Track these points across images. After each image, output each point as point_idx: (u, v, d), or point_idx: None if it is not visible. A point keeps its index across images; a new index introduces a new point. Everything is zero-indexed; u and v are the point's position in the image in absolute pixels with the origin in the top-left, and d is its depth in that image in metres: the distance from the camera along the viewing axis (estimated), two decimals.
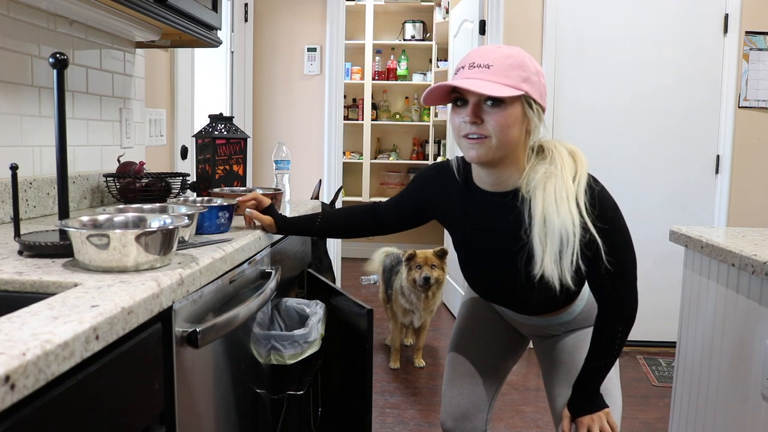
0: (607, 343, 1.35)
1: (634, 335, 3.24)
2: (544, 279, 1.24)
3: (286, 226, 1.57)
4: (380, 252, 3.62)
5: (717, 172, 3.51)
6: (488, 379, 1.63)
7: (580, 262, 1.23)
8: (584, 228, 1.22)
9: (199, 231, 1.37)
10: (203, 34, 1.93)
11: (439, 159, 5.57)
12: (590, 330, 1.43)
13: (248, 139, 2.00)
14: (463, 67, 1.26)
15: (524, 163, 1.30)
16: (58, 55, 1.01)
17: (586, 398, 1.38)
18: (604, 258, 1.25)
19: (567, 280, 1.23)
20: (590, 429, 1.37)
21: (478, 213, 1.38)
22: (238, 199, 1.54)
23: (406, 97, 5.96)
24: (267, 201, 1.56)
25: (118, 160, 1.88)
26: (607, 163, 3.51)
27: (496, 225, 1.36)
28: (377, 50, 5.80)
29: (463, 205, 1.41)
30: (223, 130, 1.88)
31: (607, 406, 1.39)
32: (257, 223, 1.54)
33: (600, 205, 1.25)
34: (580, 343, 1.47)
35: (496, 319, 1.65)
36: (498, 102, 1.22)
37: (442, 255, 3.10)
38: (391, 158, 5.93)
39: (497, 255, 1.38)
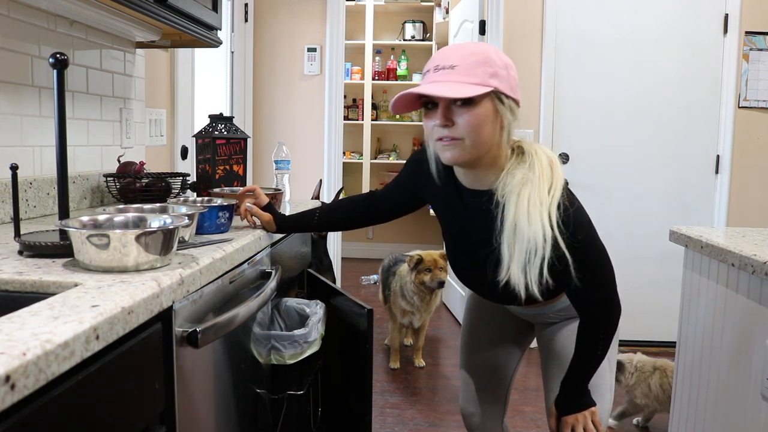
0: (589, 349, 1.35)
1: (634, 335, 3.25)
2: (509, 285, 1.23)
3: (285, 224, 1.57)
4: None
5: (717, 172, 3.51)
6: (502, 365, 1.66)
7: (548, 275, 1.20)
8: (555, 244, 1.20)
9: (199, 231, 1.37)
10: (203, 34, 1.93)
11: None
12: None
13: (248, 139, 2.00)
14: (428, 71, 1.24)
15: (502, 162, 1.28)
16: (58, 55, 1.01)
17: (572, 397, 1.38)
18: (573, 275, 1.23)
19: (533, 290, 1.21)
20: (574, 428, 1.37)
21: (457, 208, 1.39)
22: (240, 189, 1.55)
23: None
24: (266, 198, 1.57)
25: (118, 160, 1.88)
26: (608, 164, 3.51)
27: (471, 224, 1.36)
28: (377, 50, 5.80)
29: (446, 196, 1.41)
30: (223, 130, 1.88)
31: (594, 405, 1.38)
32: (257, 222, 1.54)
33: (573, 224, 1.22)
34: (575, 336, 1.47)
35: (499, 308, 1.66)
36: (467, 101, 1.19)
37: (446, 257, 3.12)
38: (391, 158, 5.93)
39: (471, 252, 1.39)
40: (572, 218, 1.22)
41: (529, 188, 1.22)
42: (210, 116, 1.92)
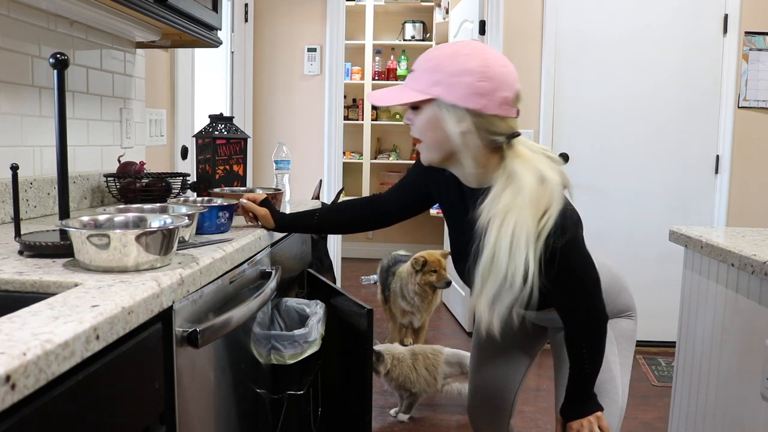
0: (576, 357, 1.33)
1: None
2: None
3: (284, 221, 1.56)
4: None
5: (717, 172, 3.51)
6: (511, 375, 1.65)
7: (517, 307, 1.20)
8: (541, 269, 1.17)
9: (200, 231, 1.37)
10: (203, 35, 1.93)
11: None
12: None
13: (248, 139, 2.00)
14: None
15: (484, 162, 1.24)
16: (58, 56, 1.01)
17: (575, 403, 1.36)
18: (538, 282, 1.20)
19: (493, 329, 1.21)
20: None
21: (458, 204, 1.40)
22: (241, 189, 1.56)
23: None
24: (262, 195, 1.57)
25: (119, 160, 1.88)
26: (608, 163, 3.51)
27: (459, 223, 1.38)
28: (377, 50, 5.80)
29: (450, 192, 1.42)
30: (223, 130, 1.88)
31: (601, 409, 1.36)
32: (258, 221, 1.54)
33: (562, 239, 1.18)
34: None
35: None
36: (415, 107, 1.24)
37: (447, 257, 3.14)
38: (391, 158, 5.93)
39: (459, 253, 1.40)
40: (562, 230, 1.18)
41: (513, 217, 1.16)
42: (210, 116, 1.92)
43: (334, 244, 3.75)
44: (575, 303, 1.30)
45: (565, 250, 1.20)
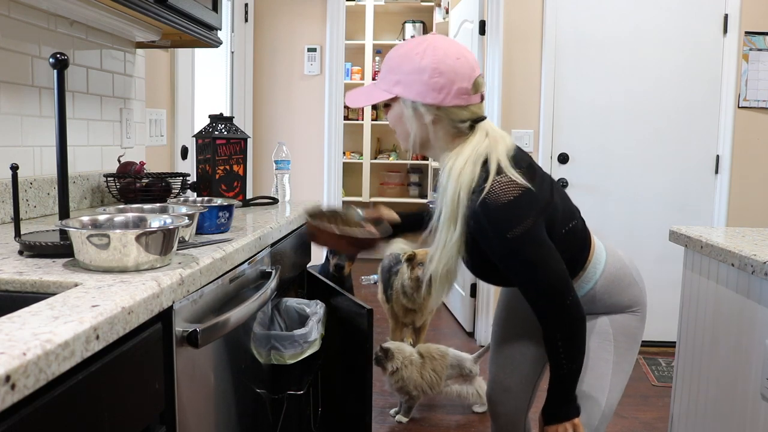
0: (553, 354, 1.32)
1: None
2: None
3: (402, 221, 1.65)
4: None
5: (717, 172, 3.51)
6: (526, 360, 1.65)
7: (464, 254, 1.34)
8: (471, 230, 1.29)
9: (200, 231, 1.37)
10: (203, 35, 1.93)
11: None
12: (601, 319, 1.45)
13: (248, 139, 2.00)
14: None
15: (451, 147, 1.34)
16: (58, 56, 1.01)
17: (554, 405, 1.35)
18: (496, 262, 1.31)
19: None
20: None
21: None
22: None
23: None
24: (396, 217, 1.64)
25: (119, 160, 1.88)
26: (608, 163, 3.51)
27: None
28: (377, 50, 5.80)
29: None
30: (223, 130, 1.88)
31: (578, 414, 1.35)
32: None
33: (497, 216, 1.24)
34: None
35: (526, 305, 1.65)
36: (386, 104, 1.35)
37: None
38: (391, 158, 5.93)
39: None
40: (499, 210, 1.23)
41: (452, 185, 1.29)
42: (210, 116, 1.92)
43: None
44: (533, 292, 1.30)
45: (516, 239, 1.24)
